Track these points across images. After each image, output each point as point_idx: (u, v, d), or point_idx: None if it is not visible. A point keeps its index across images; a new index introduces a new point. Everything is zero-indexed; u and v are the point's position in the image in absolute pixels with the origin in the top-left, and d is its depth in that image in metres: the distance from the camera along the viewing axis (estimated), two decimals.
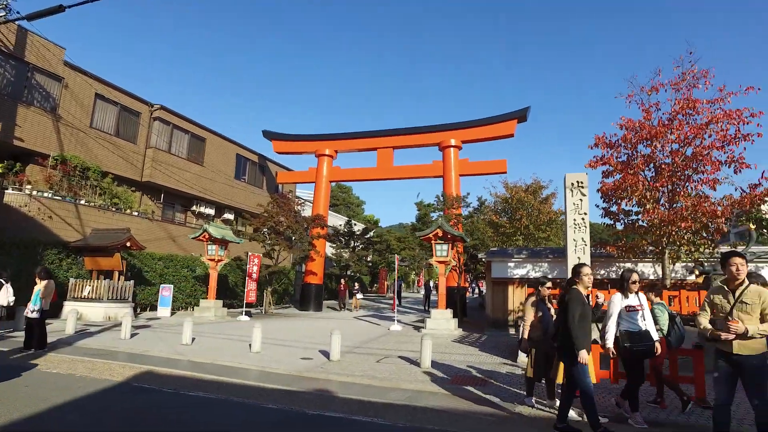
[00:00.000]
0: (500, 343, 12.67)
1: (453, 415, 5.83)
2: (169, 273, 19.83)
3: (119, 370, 7.75)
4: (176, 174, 22.85)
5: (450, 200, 21.09)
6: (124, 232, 16.84)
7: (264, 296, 21.64)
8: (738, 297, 4.23)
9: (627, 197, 11.41)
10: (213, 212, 25.60)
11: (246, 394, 6.52)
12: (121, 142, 21.06)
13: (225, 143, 26.55)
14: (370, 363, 9.41)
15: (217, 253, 18.54)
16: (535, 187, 23.06)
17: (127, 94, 21.58)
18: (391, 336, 14.27)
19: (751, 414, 4.75)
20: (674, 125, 10.79)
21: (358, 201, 69.05)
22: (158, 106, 22.56)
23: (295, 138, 27.03)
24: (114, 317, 15.96)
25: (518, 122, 23.51)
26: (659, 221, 10.69)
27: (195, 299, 20.66)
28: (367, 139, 26.15)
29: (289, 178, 28.59)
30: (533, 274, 14.88)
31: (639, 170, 11.37)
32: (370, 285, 42.84)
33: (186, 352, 9.83)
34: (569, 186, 11.79)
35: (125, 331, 11.44)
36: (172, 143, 23.09)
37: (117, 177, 20.69)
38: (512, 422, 5.67)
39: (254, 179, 29.06)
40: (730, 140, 10.20)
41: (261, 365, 8.67)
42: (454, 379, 7.89)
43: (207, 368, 8.21)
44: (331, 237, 27.92)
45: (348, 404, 6.18)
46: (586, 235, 11.45)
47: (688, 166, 10.92)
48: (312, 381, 7.60)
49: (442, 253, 15.81)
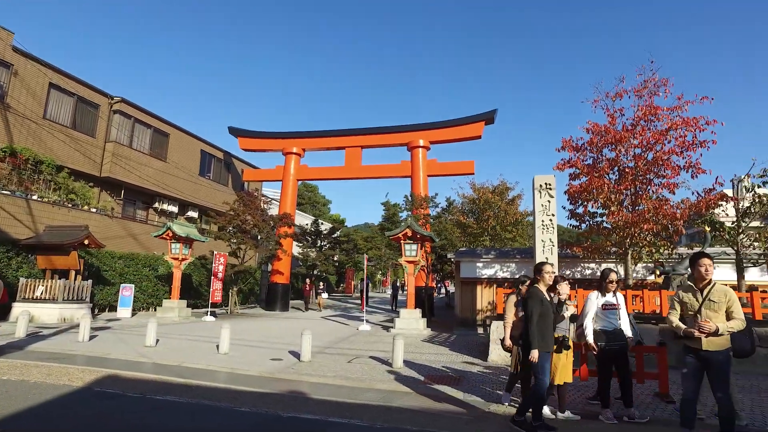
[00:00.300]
0: (470, 342, 12.82)
1: (429, 415, 5.84)
2: (129, 272, 19.07)
3: (78, 374, 7.36)
4: (138, 169, 22.01)
5: (418, 200, 21.21)
6: (82, 230, 16.08)
7: (229, 296, 21.13)
8: (706, 295, 4.42)
9: (593, 199, 11.76)
10: (176, 210, 24.82)
11: (217, 397, 6.32)
12: (79, 135, 20.11)
13: (189, 139, 25.79)
14: (341, 363, 9.33)
15: (181, 252, 17.97)
16: (501, 189, 23.49)
17: (84, 85, 20.62)
18: (361, 336, 14.21)
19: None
20: (637, 131, 11.19)
21: (324, 200, 68.57)
22: (119, 99, 21.67)
23: (262, 135, 26.53)
24: (70, 319, 15.22)
25: (486, 124, 23.89)
26: (623, 223, 11.06)
27: (157, 299, 19.96)
28: (336, 138, 25.97)
29: (255, 176, 28.05)
30: (501, 274, 15.15)
31: (604, 173, 11.73)
32: (336, 285, 42.60)
33: (150, 354, 9.46)
34: (537, 188, 12.06)
35: (83, 333, 10.91)
36: (134, 138, 22.23)
37: (74, 172, 19.74)
38: (487, 420, 5.73)
39: (219, 176, 28.36)
40: (689, 146, 10.68)
41: (230, 367, 8.44)
42: (427, 379, 7.91)
43: (174, 371, 7.92)
44: (298, 236, 27.56)
45: (323, 406, 6.09)
46: (554, 236, 11.73)
47: (650, 170, 11.36)
48: (284, 383, 7.46)
49: (411, 253, 15.86)
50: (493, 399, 6.59)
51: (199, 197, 26.11)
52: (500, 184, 23.70)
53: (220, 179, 28.29)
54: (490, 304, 15.03)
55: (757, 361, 8.86)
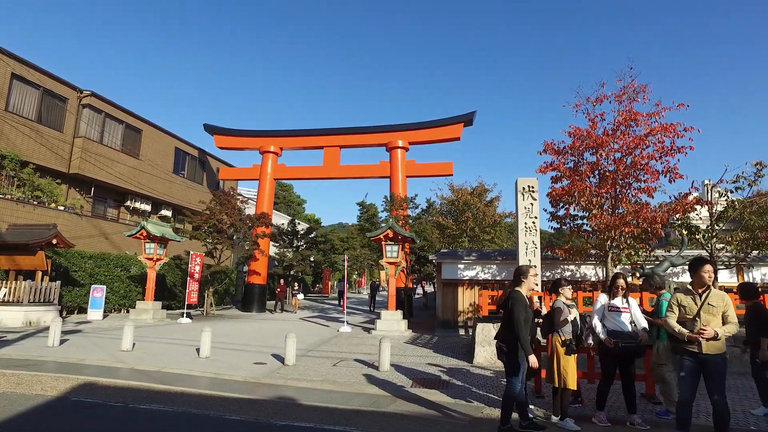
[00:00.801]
0: (453, 344, 12.82)
1: (425, 420, 5.77)
2: (100, 273, 18.36)
3: (52, 383, 6.99)
4: (109, 166, 21.23)
5: (398, 201, 21.15)
6: (50, 228, 15.38)
7: (205, 297, 20.60)
8: (704, 300, 4.52)
9: (575, 202, 11.93)
10: (149, 208, 24.06)
11: (205, 405, 6.09)
12: (45, 130, 19.24)
13: (163, 136, 25.04)
14: (326, 367, 9.17)
15: (155, 252, 17.40)
16: (480, 190, 23.68)
17: (51, 77, 19.73)
18: (342, 338, 14.05)
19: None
20: (617, 135, 11.41)
21: (299, 200, 67.84)
22: (88, 93, 20.84)
23: (238, 133, 26.00)
24: (36, 322, 14.54)
25: (465, 126, 24.06)
26: (605, 226, 11.26)
27: (130, 301, 19.30)
28: (314, 137, 25.69)
29: (231, 174, 27.47)
30: (482, 276, 15.23)
31: (585, 176, 11.92)
32: (312, 285, 42.19)
33: (128, 359, 9.09)
34: (520, 190, 12.18)
35: (54, 337, 10.41)
36: (105, 133, 21.42)
37: (40, 168, 18.88)
38: (484, 424, 5.69)
39: (194, 175, 27.65)
40: (667, 151, 10.95)
41: (214, 372, 8.18)
42: (416, 383, 7.84)
43: (155, 377, 7.61)
44: (275, 236, 27.11)
45: (315, 412, 5.94)
46: (537, 238, 11.88)
47: (629, 174, 11.60)
48: (272, 388, 7.26)
49: (393, 254, 15.79)
50: (486, 402, 6.57)
51: (172, 196, 25.39)
52: (479, 185, 23.90)
53: (194, 177, 27.58)
54: (472, 306, 15.09)
55: (732, 361, 9.16)
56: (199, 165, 28.09)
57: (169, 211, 25.45)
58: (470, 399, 6.77)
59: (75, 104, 20.49)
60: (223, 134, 25.92)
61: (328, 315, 22.48)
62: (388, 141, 24.34)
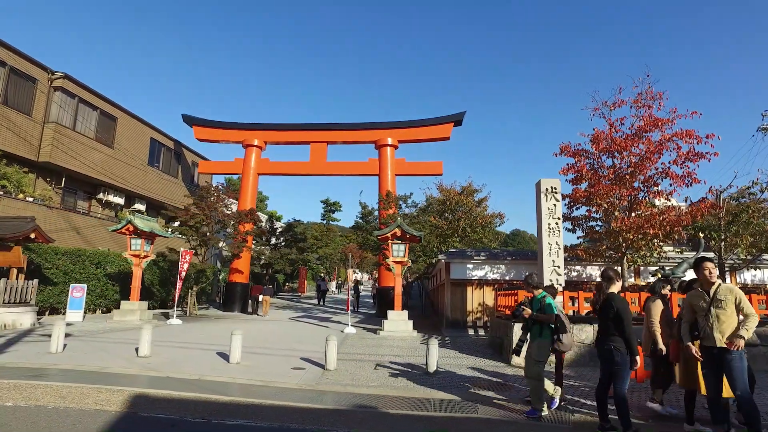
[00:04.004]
0: (470, 344, 12.73)
1: (528, 427, 5.56)
2: (75, 270, 16.90)
3: (97, 395, 6.22)
4: (82, 155, 19.62)
5: (390, 199, 20.86)
6: (28, 222, 13.97)
7: (188, 296, 19.48)
8: (713, 296, 4.74)
9: (595, 204, 12.13)
10: (122, 201, 22.51)
11: (291, 417, 5.60)
12: (11, 113, 17.49)
13: (139, 125, 23.47)
14: (368, 371, 8.80)
15: (142, 249, 16.21)
16: (469, 190, 23.82)
17: (19, 55, 17.96)
18: (353, 339, 13.63)
19: None
20: (641, 139, 11.69)
21: (261, 195, 66.06)
22: (61, 75, 19.16)
23: (220, 125, 24.81)
24: (12, 325, 13.17)
25: (454, 126, 24.13)
26: (627, 227, 11.50)
27: (107, 300, 17.94)
28: (301, 132, 24.97)
29: (212, 168, 26.12)
30: (492, 276, 15.25)
31: (606, 179, 12.15)
32: (283, 284, 41.12)
33: (154, 366, 8.32)
34: (543, 191, 12.22)
35: (57, 342, 9.38)
36: (78, 120, 19.79)
37: (6, 155, 17.15)
38: (585, 427, 5.55)
39: (168, 167, 26.13)
40: (690, 157, 11.33)
41: (259, 379, 7.62)
42: (477, 385, 7.64)
43: (203, 386, 6.96)
44: (255, 233, 26.08)
45: (410, 421, 5.61)
46: (560, 239, 11.94)
47: (649, 179, 11.92)
48: (339, 396, 6.81)
49: (399, 253, 15.51)
50: (560, 406, 6.38)
51: (147, 189, 23.87)
52: (468, 185, 24.04)
53: (169, 170, 26.06)
54: (481, 306, 15.08)
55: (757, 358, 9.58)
56: (174, 157, 26.58)
57: (143, 205, 23.91)
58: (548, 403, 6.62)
59: (46, 86, 18.78)
60: (203, 126, 24.64)
61: (313, 315, 21.88)
62: (377, 138, 24.00)
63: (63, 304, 16.19)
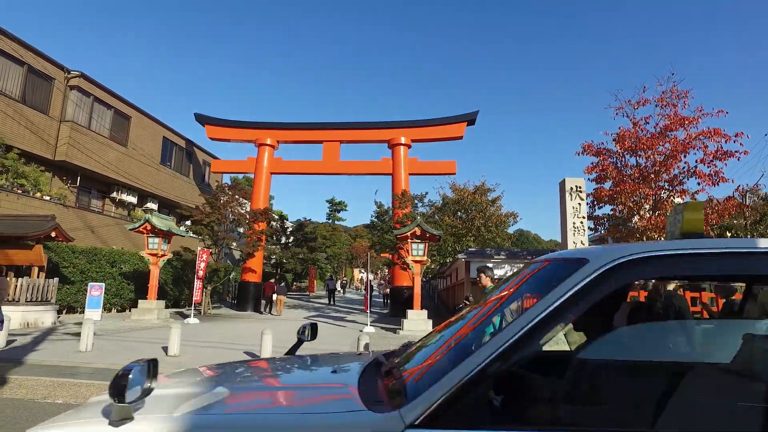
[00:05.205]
0: None
1: None
2: (92, 269, 16.90)
3: None
4: (97, 154, 19.62)
5: (405, 198, 20.80)
6: (48, 220, 13.97)
7: (204, 295, 19.44)
8: None
9: (620, 203, 12.06)
10: (135, 200, 22.53)
11: None
12: (29, 111, 17.50)
13: (152, 124, 23.48)
14: None
15: (159, 248, 16.18)
16: (482, 190, 23.77)
17: (37, 54, 17.97)
18: (375, 338, 13.55)
19: None
20: (669, 138, 11.62)
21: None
22: (77, 74, 19.15)
23: (232, 124, 24.77)
24: (34, 323, 13.19)
25: (468, 125, 24.07)
26: (652, 226, 11.43)
27: (122, 299, 17.94)
28: (314, 131, 24.93)
29: (224, 167, 26.08)
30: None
31: (631, 178, 12.08)
32: (291, 283, 41.11)
33: (189, 365, 8.24)
34: (568, 190, 12.16)
35: (87, 341, 9.37)
36: (93, 118, 19.80)
37: (24, 153, 17.15)
38: None
39: (180, 166, 26.13)
40: (719, 156, 11.25)
41: None
42: None
43: None
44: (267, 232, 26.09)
45: None
46: (585, 238, 11.88)
47: (675, 178, 11.85)
48: None
49: (419, 252, 15.46)
50: None
51: (159, 188, 23.87)
52: (481, 185, 23.99)
53: (181, 169, 26.06)
54: None
55: None
56: (186, 156, 26.58)
57: (155, 204, 23.91)
58: None
59: (62, 85, 18.78)
60: (216, 125, 24.59)
61: (328, 314, 21.82)
62: (390, 138, 23.95)
63: (80, 302, 16.19)
